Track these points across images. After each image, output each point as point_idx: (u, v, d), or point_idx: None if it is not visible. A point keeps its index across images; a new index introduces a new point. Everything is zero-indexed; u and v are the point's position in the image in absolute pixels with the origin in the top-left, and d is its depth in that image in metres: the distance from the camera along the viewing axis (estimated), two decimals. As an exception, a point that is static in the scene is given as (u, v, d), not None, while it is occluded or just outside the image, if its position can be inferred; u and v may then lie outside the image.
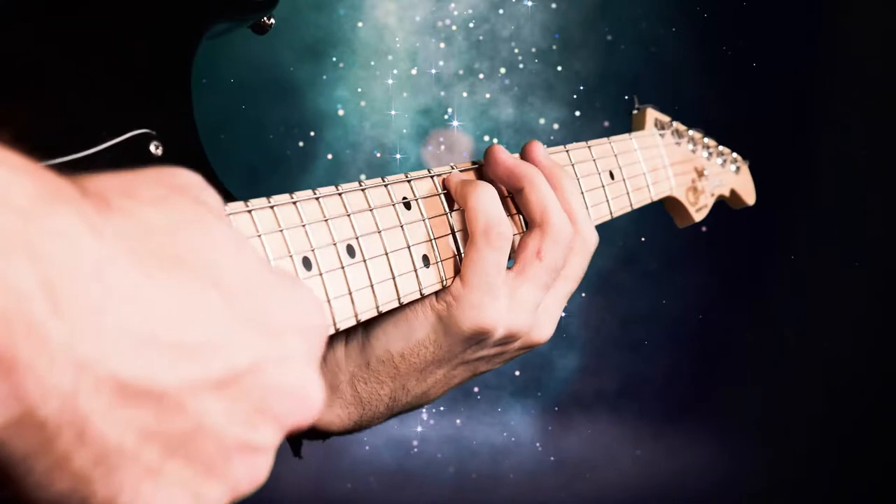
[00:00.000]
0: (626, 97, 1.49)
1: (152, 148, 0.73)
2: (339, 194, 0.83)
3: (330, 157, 4.02)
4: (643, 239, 4.19)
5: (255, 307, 0.47)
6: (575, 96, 4.16)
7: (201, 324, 0.43)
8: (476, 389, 4.30)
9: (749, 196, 1.76)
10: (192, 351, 0.43)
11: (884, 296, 4.09)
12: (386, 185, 0.89)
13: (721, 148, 1.65)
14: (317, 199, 0.80)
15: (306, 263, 0.77)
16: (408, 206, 0.91)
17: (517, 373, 4.31)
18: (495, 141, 4.10)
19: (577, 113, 4.18)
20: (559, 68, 4.16)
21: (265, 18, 0.89)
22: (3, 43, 0.66)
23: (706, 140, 1.59)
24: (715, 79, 4.07)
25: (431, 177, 0.95)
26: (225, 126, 3.76)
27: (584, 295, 4.24)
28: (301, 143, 4.01)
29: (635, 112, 1.46)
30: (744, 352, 4.39)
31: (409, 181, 0.92)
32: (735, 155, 1.70)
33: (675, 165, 1.47)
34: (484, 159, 1.01)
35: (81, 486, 0.40)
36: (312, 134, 4.00)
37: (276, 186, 3.83)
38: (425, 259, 0.91)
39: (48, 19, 0.69)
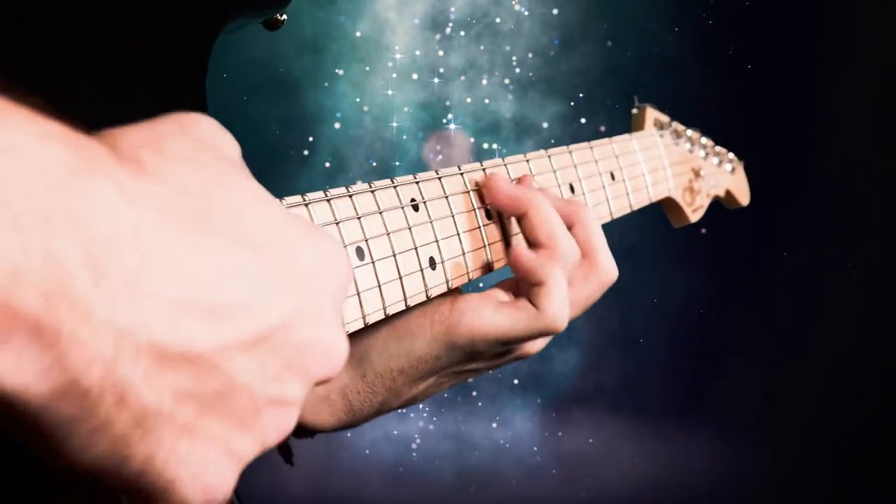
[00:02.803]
0: (626, 97, 1.49)
1: None
2: (350, 196, 0.83)
3: (328, 164, 4.02)
4: (643, 236, 4.20)
5: (285, 263, 0.48)
6: (573, 103, 4.16)
7: (236, 285, 0.44)
8: (475, 392, 4.30)
9: (744, 197, 1.76)
10: (227, 312, 0.44)
11: (884, 296, 4.09)
12: (395, 187, 0.90)
13: (718, 148, 1.65)
14: (328, 200, 0.80)
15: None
16: (416, 207, 0.92)
17: (516, 375, 4.31)
18: (495, 146, 4.10)
19: (580, 118, 4.18)
20: (559, 70, 4.15)
21: (278, 15, 0.89)
22: (12, 41, 0.65)
23: (703, 140, 1.59)
24: (715, 79, 4.07)
25: (439, 178, 0.96)
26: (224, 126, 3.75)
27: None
28: (301, 148, 4.01)
29: (635, 111, 1.47)
30: (744, 351, 4.39)
31: (417, 182, 0.93)
32: (731, 155, 1.71)
33: (674, 166, 1.47)
34: (483, 189, 1.01)
35: (121, 448, 0.41)
36: (311, 139, 3.99)
37: (276, 187, 3.83)
38: (431, 261, 0.92)
39: (59, 17, 0.68)
